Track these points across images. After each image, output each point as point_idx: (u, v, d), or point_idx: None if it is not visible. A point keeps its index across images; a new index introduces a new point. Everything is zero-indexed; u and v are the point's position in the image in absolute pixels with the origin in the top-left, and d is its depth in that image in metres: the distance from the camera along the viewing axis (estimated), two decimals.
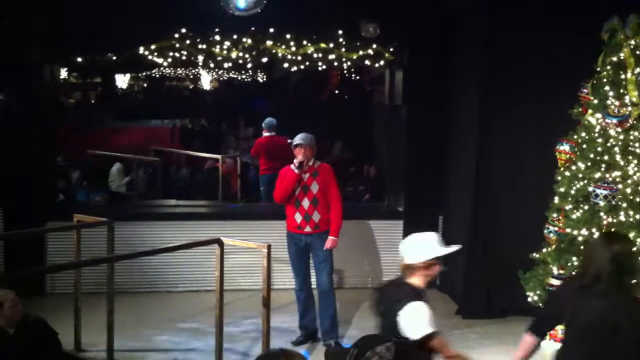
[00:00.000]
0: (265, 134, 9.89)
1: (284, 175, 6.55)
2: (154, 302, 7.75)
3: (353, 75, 14.56)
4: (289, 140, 6.62)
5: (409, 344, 2.61)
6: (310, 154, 6.48)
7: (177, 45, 8.14)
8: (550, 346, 6.65)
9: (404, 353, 2.60)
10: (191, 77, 19.77)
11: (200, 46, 8.15)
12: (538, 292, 6.69)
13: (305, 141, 6.47)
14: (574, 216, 6.53)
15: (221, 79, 19.06)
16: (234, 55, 8.23)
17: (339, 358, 2.67)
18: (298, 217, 6.46)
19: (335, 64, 8.82)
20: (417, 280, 3.75)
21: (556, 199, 6.77)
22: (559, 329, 6.57)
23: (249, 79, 18.52)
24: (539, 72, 7.27)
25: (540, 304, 6.73)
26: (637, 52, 6.38)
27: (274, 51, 8.26)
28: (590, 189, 6.39)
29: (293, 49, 8.21)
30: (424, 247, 3.78)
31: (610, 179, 6.34)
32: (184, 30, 8.03)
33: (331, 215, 6.51)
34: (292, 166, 6.50)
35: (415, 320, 3.53)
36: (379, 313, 3.86)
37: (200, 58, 8.38)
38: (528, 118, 7.39)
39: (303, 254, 6.54)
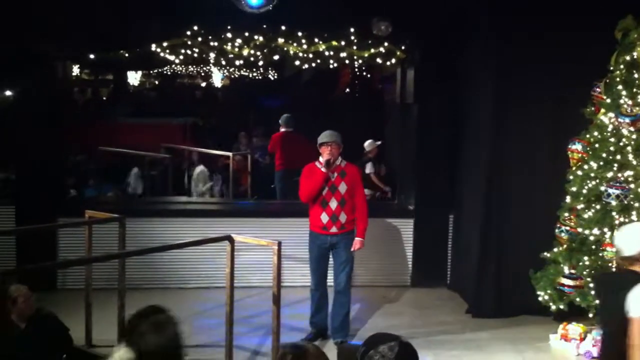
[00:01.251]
0: (283, 129, 9.94)
1: (308, 173, 6.41)
2: (164, 298, 7.74)
3: (364, 73, 14.53)
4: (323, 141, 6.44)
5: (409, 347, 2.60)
6: (336, 152, 6.33)
7: (189, 42, 8.16)
8: (560, 346, 6.65)
9: (411, 353, 2.59)
10: (202, 74, 19.81)
11: (211, 44, 8.16)
12: (549, 291, 6.67)
13: (330, 139, 6.31)
14: (585, 216, 6.51)
15: (232, 76, 19.08)
16: (245, 52, 8.23)
17: (350, 355, 2.67)
18: (324, 218, 6.34)
19: (347, 62, 8.83)
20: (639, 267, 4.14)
21: (568, 199, 6.74)
22: (570, 329, 6.56)
23: (260, 77, 18.53)
24: (553, 71, 7.23)
25: (551, 304, 6.70)
26: None
27: (285, 49, 8.27)
28: (602, 188, 6.36)
29: (304, 46, 8.21)
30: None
31: (623, 178, 6.31)
32: (195, 28, 8.04)
33: (358, 216, 6.41)
34: (317, 164, 6.38)
35: None
36: (602, 300, 4.38)
37: (212, 56, 8.39)
38: (541, 117, 7.35)
39: (325, 255, 6.46)
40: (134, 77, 18.16)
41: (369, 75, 14.63)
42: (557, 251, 6.76)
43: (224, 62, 8.82)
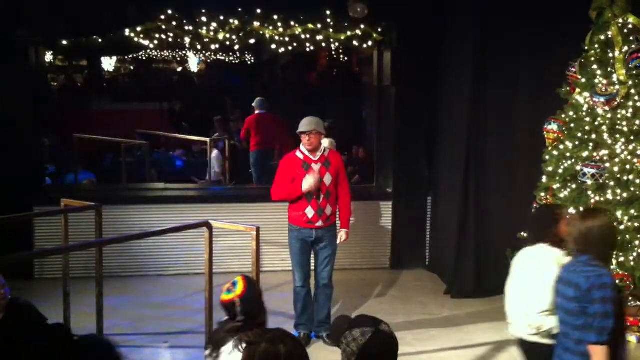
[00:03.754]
0: (256, 112, 10.10)
1: (286, 167, 6.07)
2: (143, 285, 7.75)
3: (342, 56, 14.49)
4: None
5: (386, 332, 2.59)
6: (316, 141, 5.99)
7: (164, 27, 8.06)
8: None
9: (386, 342, 2.58)
10: (178, 59, 19.63)
11: (186, 28, 8.07)
12: None
13: (309, 127, 5.94)
14: (561, 195, 6.57)
15: (209, 60, 18.92)
16: (221, 36, 8.15)
17: (339, 328, 2.66)
18: (310, 212, 6.03)
19: (323, 45, 8.78)
20: None
21: (544, 178, 6.80)
22: None
23: (237, 61, 18.39)
24: (531, 51, 7.26)
25: None
26: (625, 31, 6.39)
27: (261, 32, 8.20)
28: (578, 167, 6.42)
29: (280, 30, 8.15)
30: None
31: (598, 157, 6.36)
32: (169, 12, 7.94)
33: (342, 207, 6.19)
34: (297, 153, 6.06)
35: None
36: None
37: (187, 40, 8.30)
38: (519, 98, 7.40)
39: (308, 249, 6.19)
40: (108, 63, 17.93)
41: (346, 58, 14.61)
42: None
43: (199, 47, 8.71)
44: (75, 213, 6.56)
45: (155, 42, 8.47)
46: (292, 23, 8.14)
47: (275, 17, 8.07)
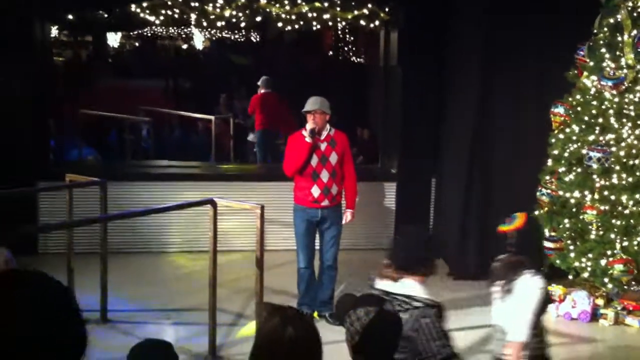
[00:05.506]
0: (261, 91, 10.04)
1: (293, 143, 6.06)
2: (147, 262, 7.77)
3: (348, 35, 14.43)
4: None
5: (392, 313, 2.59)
6: (321, 121, 5.97)
7: (169, 3, 8.02)
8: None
9: (389, 322, 2.58)
10: (183, 36, 19.56)
11: (192, 4, 8.02)
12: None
13: (313, 107, 5.96)
14: (567, 179, 6.56)
15: (214, 38, 18.86)
16: (227, 13, 8.10)
17: (347, 307, 2.66)
18: (316, 191, 6.01)
19: (330, 23, 8.74)
20: None
21: (550, 162, 6.78)
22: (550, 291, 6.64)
23: (243, 39, 18.33)
24: (539, 33, 7.19)
25: None
26: (634, 14, 6.33)
27: (268, 10, 8.15)
28: (584, 151, 6.40)
29: (287, 7, 8.10)
30: None
31: (604, 141, 6.34)
32: None
33: (347, 187, 6.20)
34: (303, 132, 6.03)
35: None
36: None
37: (193, 17, 8.26)
38: (527, 80, 7.34)
39: (313, 229, 6.17)
40: (113, 39, 17.89)
41: (352, 37, 14.54)
42: (538, 214, 6.81)
43: (205, 24, 8.67)
44: (79, 188, 6.58)
45: (161, 18, 8.43)
46: (299, 1, 8.08)
47: None
